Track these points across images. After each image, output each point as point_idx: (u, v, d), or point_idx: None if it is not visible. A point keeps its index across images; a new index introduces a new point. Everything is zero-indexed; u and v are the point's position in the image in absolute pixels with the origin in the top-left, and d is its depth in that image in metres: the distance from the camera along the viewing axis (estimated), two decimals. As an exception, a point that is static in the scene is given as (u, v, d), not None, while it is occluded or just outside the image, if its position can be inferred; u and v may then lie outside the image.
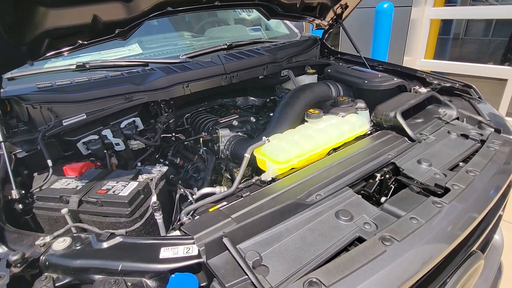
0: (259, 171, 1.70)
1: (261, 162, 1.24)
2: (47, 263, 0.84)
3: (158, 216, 1.02)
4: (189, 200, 1.21)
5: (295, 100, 1.60)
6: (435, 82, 1.88)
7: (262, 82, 2.08)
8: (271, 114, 2.11)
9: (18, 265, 0.80)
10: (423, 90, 1.84)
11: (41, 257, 0.84)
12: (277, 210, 0.95)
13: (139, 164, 1.50)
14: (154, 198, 1.03)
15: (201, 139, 1.61)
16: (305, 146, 1.22)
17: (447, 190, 1.02)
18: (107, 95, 1.55)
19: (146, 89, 1.62)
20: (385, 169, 1.18)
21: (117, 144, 1.48)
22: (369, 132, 1.47)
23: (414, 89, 1.88)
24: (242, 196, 1.08)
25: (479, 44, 9.13)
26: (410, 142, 1.33)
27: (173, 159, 1.60)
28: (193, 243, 0.87)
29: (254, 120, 1.84)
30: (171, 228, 1.08)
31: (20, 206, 1.12)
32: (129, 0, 1.36)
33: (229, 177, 1.60)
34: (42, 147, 1.28)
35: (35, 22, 1.18)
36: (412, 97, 1.57)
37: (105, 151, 1.47)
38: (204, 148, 1.61)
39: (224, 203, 1.07)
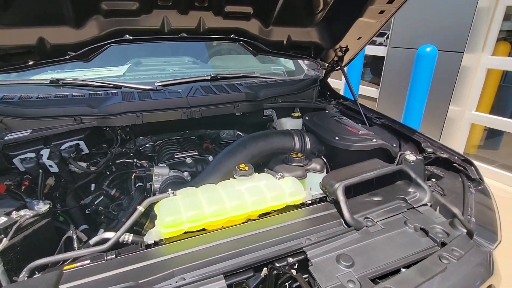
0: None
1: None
2: None
3: (-2, 265, 0.92)
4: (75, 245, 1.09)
5: (240, 149, 1.42)
6: (430, 150, 1.54)
7: (241, 119, 1.93)
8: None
9: None
10: (411, 157, 1.52)
11: None
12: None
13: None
14: (4, 241, 0.94)
15: (133, 175, 1.50)
16: (205, 210, 1.04)
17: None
18: (56, 115, 1.54)
19: (99, 113, 1.58)
20: (289, 259, 0.94)
21: (50, 166, 1.45)
22: (309, 202, 1.23)
23: (401, 154, 1.57)
24: (105, 259, 0.93)
25: None
26: (345, 227, 1.06)
27: (108, 190, 1.52)
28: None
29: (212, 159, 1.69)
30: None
31: None
32: (78, 26, 1.36)
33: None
34: None
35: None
36: (378, 167, 1.29)
37: (40, 170, 1.45)
38: (139, 184, 1.50)
39: (87, 261, 0.94)
